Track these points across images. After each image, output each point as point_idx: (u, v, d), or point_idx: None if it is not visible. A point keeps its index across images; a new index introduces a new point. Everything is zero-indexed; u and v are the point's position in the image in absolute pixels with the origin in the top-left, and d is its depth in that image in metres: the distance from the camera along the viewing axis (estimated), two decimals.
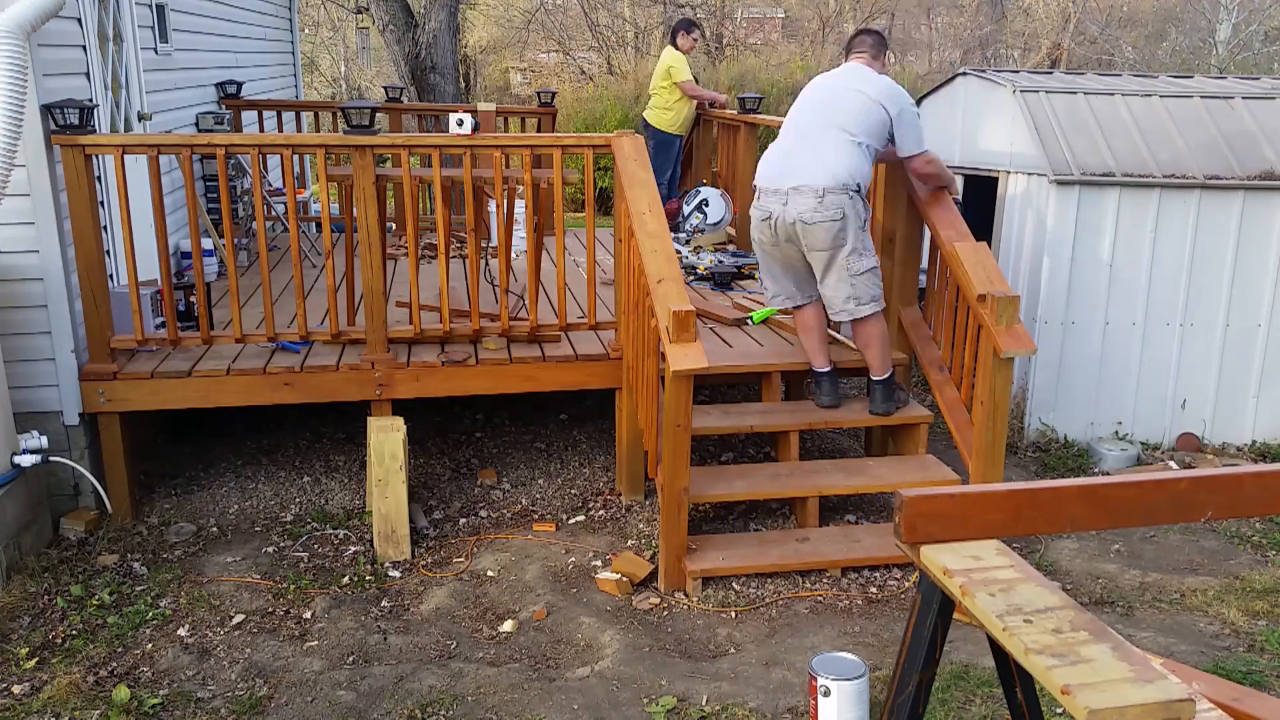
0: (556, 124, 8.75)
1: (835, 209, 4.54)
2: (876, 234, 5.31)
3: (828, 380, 4.97)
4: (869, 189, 4.77)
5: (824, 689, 3.31)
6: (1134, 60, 17.27)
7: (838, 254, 4.62)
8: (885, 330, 4.89)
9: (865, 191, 4.67)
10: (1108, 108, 6.04)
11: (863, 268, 4.68)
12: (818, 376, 5.01)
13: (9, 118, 4.12)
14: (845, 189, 4.55)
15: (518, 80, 22.32)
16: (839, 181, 4.54)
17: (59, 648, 3.93)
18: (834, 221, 4.56)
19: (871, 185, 4.97)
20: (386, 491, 4.60)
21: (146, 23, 6.34)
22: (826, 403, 4.98)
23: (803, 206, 4.56)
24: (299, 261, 4.95)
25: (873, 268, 4.73)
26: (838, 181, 4.54)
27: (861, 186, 4.62)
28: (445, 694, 3.67)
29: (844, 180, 4.55)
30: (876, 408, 4.96)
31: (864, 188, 4.64)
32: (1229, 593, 4.41)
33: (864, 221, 4.68)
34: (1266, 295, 5.82)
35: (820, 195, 4.53)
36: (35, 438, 4.58)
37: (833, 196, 4.53)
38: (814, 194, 4.54)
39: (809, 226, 4.57)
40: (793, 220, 4.61)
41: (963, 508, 2.02)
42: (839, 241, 4.60)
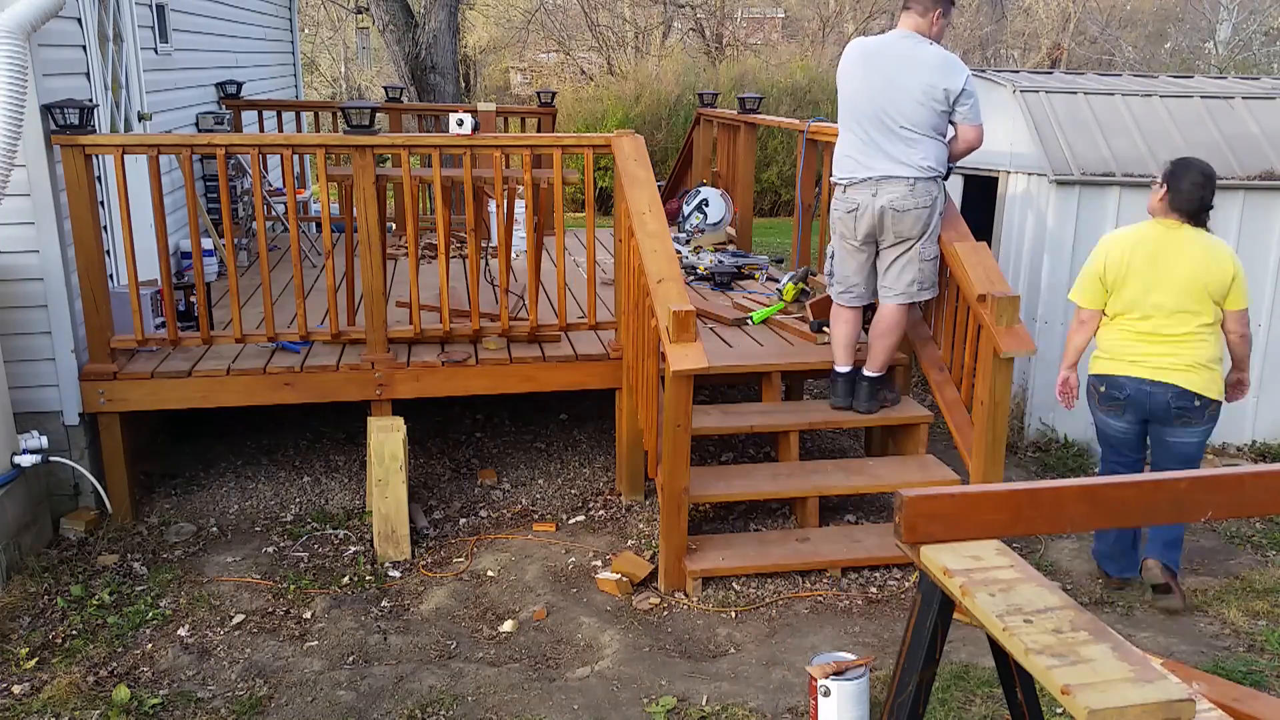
0: (556, 124, 8.75)
1: (926, 196, 4.59)
2: None
3: (844, 381, 4.97)
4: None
5: (824, 689, 3.31)
6: (1134, 60, 17.27)
7: (919, 241, 4.67)
8: (905, 324, 4.90)
9: (946, 176, 4.70)
10: (1108, 108, 6.04)
11: (933, 253, 4.76)
12: (834, 376, 5.00)
13: (9, 118, 4.12)
14: (932, 176, 4.60)
15: (518, 80, 22.33)
16: (926, 170, 4.58)
17: (59, 648, 3.93)
18: (924, 209, 4.60)
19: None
20: (386, 491, 4.60)
21: (146, 23, 6.34)
22: (838, 405, 4.98)
23: (894, 194, 4.58)
24: (299, 261, 4.95)
25: (938, 255, 4.80)
26: (924, 170, 4.58)
27: (942, 171, 4.64)
28: (445, 694, 3.67)
29: (930, 168, 4.58)
30: (860, 405, 4.96)
31: (945, 172, 4.66)
32: (1229, 593, 4.41)
33: (943, 209, 4.73)
34: (1266, 295, 5.82)
35: (912, 184, 4.57)
36: (35, 438, 4.58)
37: (923, 184, 4.58)
38: (905, 183, 4.57)
39: (900, 214, 4.60)
40: (882, 208, 4.60)
41: (963, 508, 2.02)
42: (926, 227, 4.64)
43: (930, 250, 4.73)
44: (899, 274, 4.76)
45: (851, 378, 4.97)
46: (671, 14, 21.17)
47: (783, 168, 13.64)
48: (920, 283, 4.77)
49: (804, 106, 14.70)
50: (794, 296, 5.98)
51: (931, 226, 4.68)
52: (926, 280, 4.78)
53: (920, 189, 4.58)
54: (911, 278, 4.75)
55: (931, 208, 4.63)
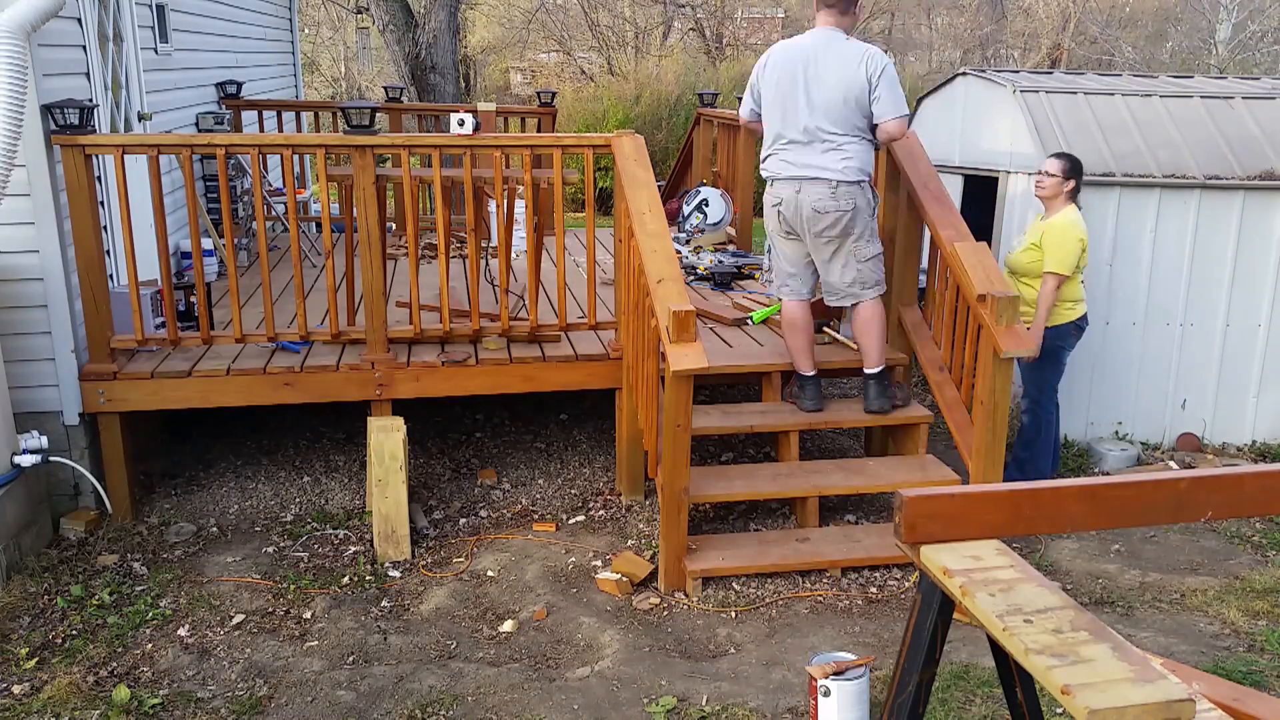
0: (556, 124, 8.74)
1: (848, 200, 4.62)
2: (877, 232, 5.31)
3: (812, 384, 4.97)
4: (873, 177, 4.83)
5: (824, 689, 3.31)
6: (1134, 60, 17.26)
7: (845, 241, 4.70)
8: (885, 318, 4.90)
9: (872, 178, 4.74)
10: (1108, 108, 6.04)
11: (869, 254, 4.77)
12: (801, 380, 5.00)
13: (9, 118, 4.12)
14: (857, 181, 4.63)
15: (518, 80, 22.32)
16: (850, 175, 4.61)
17: (59, 648, 3.93)
18: (845, 212, 4.63)
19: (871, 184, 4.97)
20: (386, 491, 4.60)
21: (146, 23, 6.34)
22: (810, 407, 4.96)
23: (816, 195, 4.62)
24: (299, 261, 4.95)
25: (878, 254, 4.82)
26: (849, 175, 4.60)
27: (869, 175, 4.69)
28: (445, 694, 3.67)
29: (854, 174, 4.62)
30: (871, 405, 4.95)
31: (871, 174, 4.71)
32: (1229, 593, 4.41)
33: (873, 210, 4.77)
34: (1266, 295, 5.82)
35: (834, 186, 4.60)
36: (35, 438, 4.58)
37: (845, 187, 4.61)
38: (828, 185, 4.61)
39: (820, 215, 4.64)
40: (802, 207, 4.66)
41: (963, 508, 2.02)
42: (849, 229, 4.67)
43: (866, 251, 4.74)
44: (839, 275, 4.78)
45: (816, 381, 4.98)
46: (671, 14, 21.16)
47: None
48: (862, 283, 4.77)
49: None
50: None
51: (858, 229, 4.68)
52: (869, 279, 4.78)
53: (842, 192, 4.60)
54: (851, 278, 4.77)
55: (854, 212, 4.63)
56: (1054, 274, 4.99)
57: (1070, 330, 5.19)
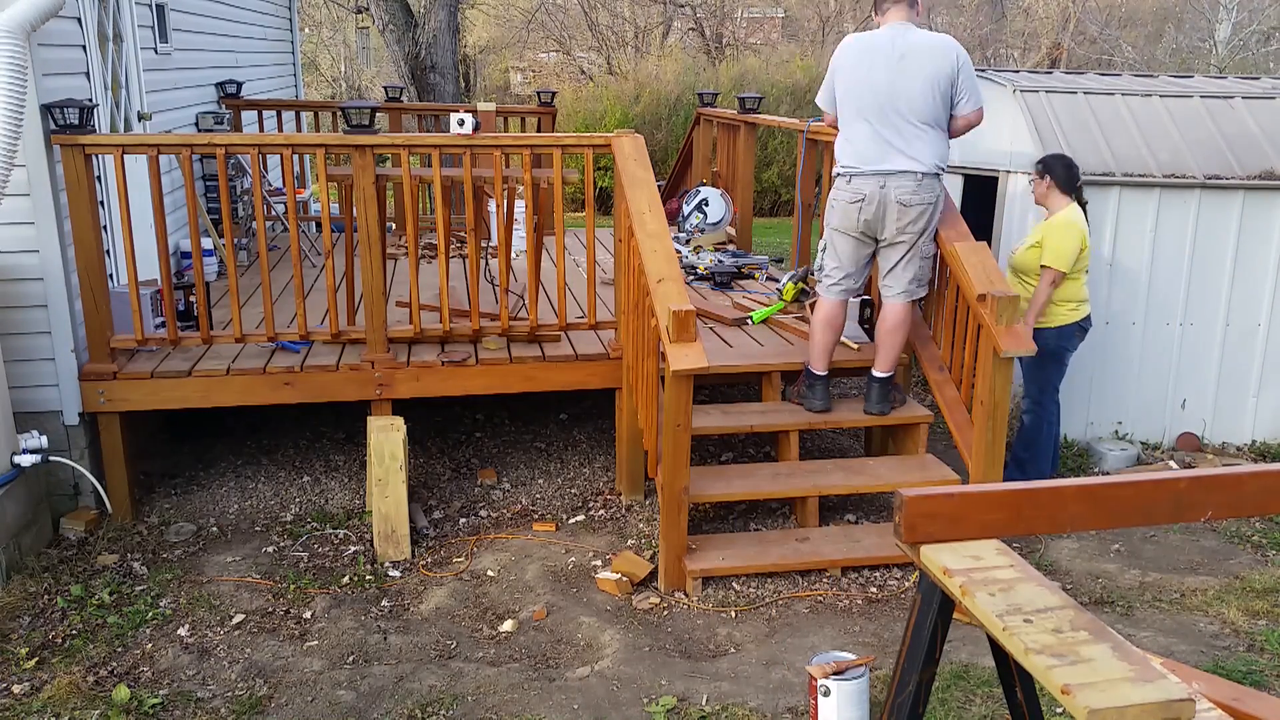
0: (556, 124, 8.74)
1: (930, 192, 4.66)
2: None
3: (821, 384, 4.97)
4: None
5: (824, 689, 3.31)
6: (1134, 60, 17.26)
7: (922, 237, 4.74)
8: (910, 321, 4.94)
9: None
10: (1108, 107, 6.04)
11: (931, 251, 4.86)
12: (811, 379, 4.99)
13: (9, 118, 4.12)
14: (936, 173, 4.68)
15: (518, 80, 22.32)
16: (933, 167, 4.65)
17: (59, 647, 3.93)
18: (928, 205, 4.67)
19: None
20: (386, 491, 4.60)
21: (146, 22, 6.34)
22: (818, 407, 4.96)
23: (902, 188, 4.63)
24: (299, 261, 4.95)
25: (935, 252, 4.91)
26: (932, 167, 4.65)
27: (945, 168, 4.74)
28: (445, 694, 3.67)
29: (936, 165, 4.66)
30: (872, 407, 4.96)
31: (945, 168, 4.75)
32: (1229, 592, 4.41)
33: (943, 205, 4.82)
34: (1266, 295, 5.82)
35: (919, 179, 4.63)
36: (35, 437, 4.58)
37: (929, 180, 4.65)
38: (913, 178, 4.62)
39: (906, 209, 4.65)
40: (890, 202, 4.64)
41: (963, 508, 2.02)
42: (928, 224, 4.72)
43: (929, 248, 4.81)
44: (901, 272, 4.78)
45: (826, 381, 4.98)
46: (671, 14, 21.17)
47: (783, 168, 13.64)
48: (919, 280, 4.83)
49: (804, 106, 14.69)
50: (794, 296, 5.98)
51: (934, 224, 4.75)
52: (924, 277, 4.86)
53: (926, 184, 4.63)
54: (913, 275, 4.80)
55: (935, 204, 4.69)
56: (1049, 268, 4.98)
57: (1074, 331, 5.18)
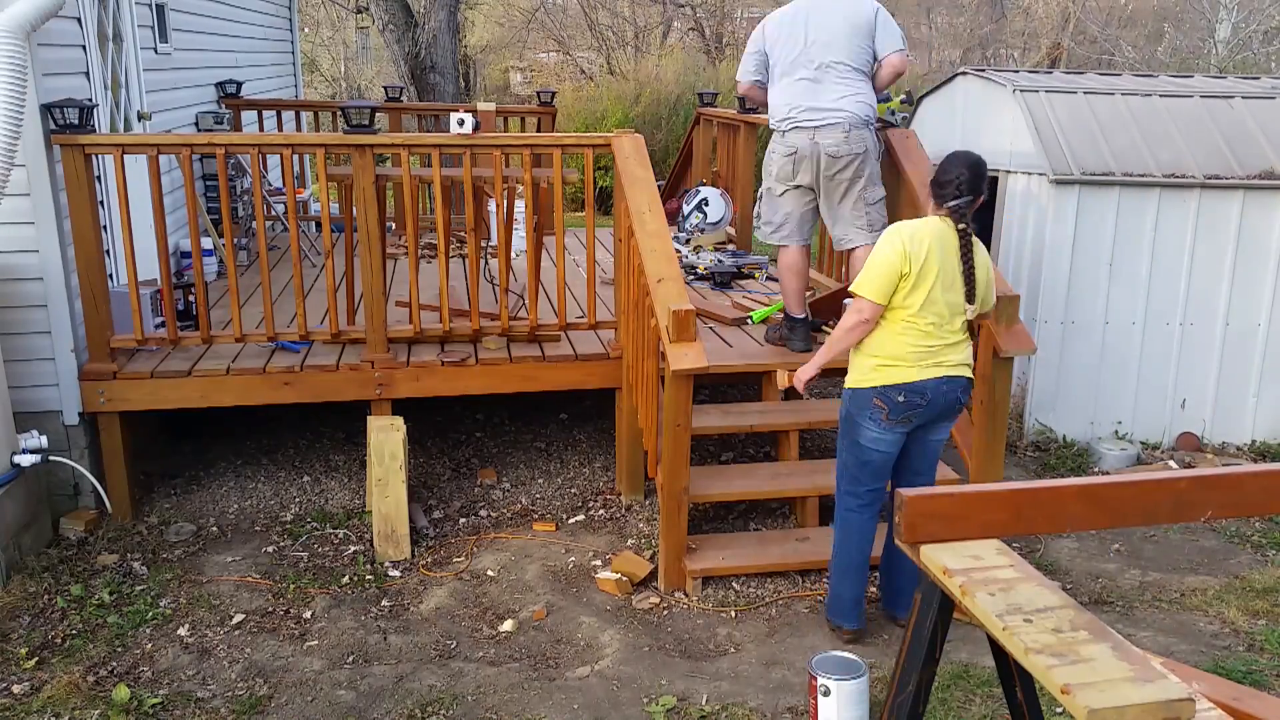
0: (556, 124, 8.74)
1: (860, 143, 4.83)
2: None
3: (802, 326, 5.17)
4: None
5: (824, 689, 3.31)
6: (1134, 60, 17.26)
7: (858, 183, 4.89)
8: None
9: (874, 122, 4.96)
10: (1108, 107, 6.04)
11: (877, 196, 4.99)
12: (792, 322, 5.18)
13: (9, 117, 4.12)
14: (866, 123, 4.85)
15: (518, 80, 22.31)
16: (861, 118, 4.82)
17: (59, 647, 3.93)
18: (860, 153, 4.84)
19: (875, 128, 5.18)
20: (386, 491, 4.60)
21: (146, 22, 6.34)
22: (800, 348, 5.14)
23: (830, 140, 4.81)
24: (299, 261, 4.95)
25: (883, 198, 5.03)
26: (859, 118, 4.82)
27: (873, 118, 4.90)
28: (445, 694, 3.67)
29: (864, 115, 4.84)
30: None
31: (875, 118, 4.93)
32: (1229, 592, 4.41)
33: (879, 153, 4.99)
34: (1266, 295, 5.82)
35: (846, 131, 4.80)
36: (35, 437, 4.58)
37: (857, 132, 4.82)
38: (840, 129, 4.80)
39: (834, 159, 4.83)
40: (818, 154, 4.83)
41: (963, 508, 2.02)
42: (861, 171, 4.87)
43: (874, 193, 4.97)
44: (849, 221, 4.98)
45: (806, 323, 5.18)
46: (671, 14, 21.15)
47: None
48: (870, 225, 4.96)
49: None
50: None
51: (868, 170, 4.90)
52: (877, 223, 4.96)
53: (854, 136, 4.81)
54: (860, 222, 4.96)
55: (865, 154, 4.86)
56: (855, 294, 3.68)
57: (871, 400, 3.66)
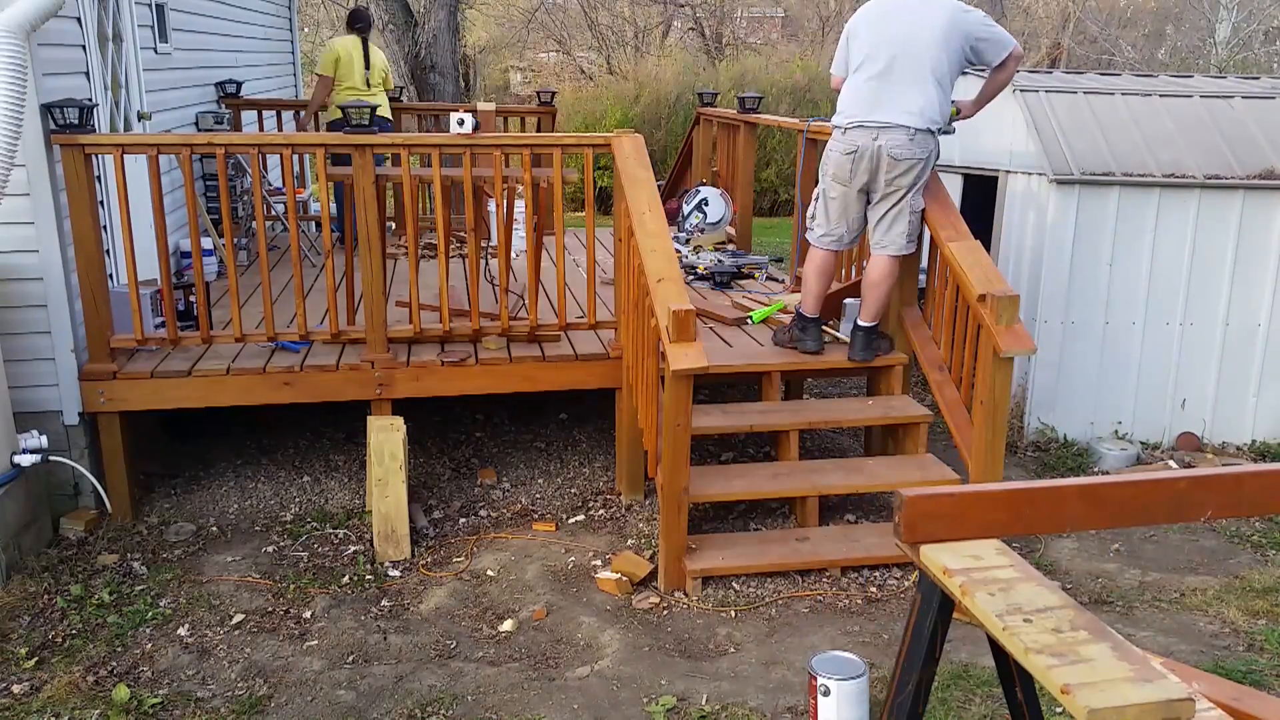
0: (556, 124, 8.74)
1: (923, 149, 4.74)
2: None
3: (814, 326, 5.17)
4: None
5: (824, 688, 3.31)
6: (1134, 60, 17.26)
7: (911, 192, 4.82)
8: (896, 279, 5.03)
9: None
10: (1108, 107, 6.04)
11: (921, 205, 4.91)
12: (804, 322, 5.16)
13: (9, 117, 4.11)
14: (930, 129, 4.75)
15: (518, 80, 22.32)
16: (928, 121, 4.72)
17: (59, 647, 3.93)
18: (919, 160, 4.75)
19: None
20: (386, 491, 4.60)
21: (146, 22, 6.34)
22: (813, 349, 5.14)
23: (895, 142, 4.72)
24: (299, 261, 4.95)
25: (924, 208, 4.94)
26: (927, 121, 4.72)
27: (941, 125, 4.81)
28: (445, 694, 3.67)
29: (932, 120, 4.74)
30: (856, 354, 5.09)
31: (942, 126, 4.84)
32: (1229, 592, 4.41)
33: (935, 162, 4.90)
34: (1266, 295, 5.82)
35: (912, 134, 4.71)
36: (35, 437, 4.58)
37: (922, 136, 4.73)
38: (906, 132, 4.70)
39: (897, 162, 4.74)
40: (882, 155, 4.74)
41: (963, 507, 2.02)
42: (917, 179, 4.80)
43: (919, 203, 4.88)
44: (889, 226, 4.89)
45: (819, 324, 5.18)
46: (671, 13, 21.17)
47: (782, 167, 13.62)
48: (909, 235, 4.91)
49: (804, 106, 14.70)
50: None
51: (924, 179, 4.83)
52: (913, 232, 4.94)
53: (919, 140, 4.72)
54: (901, 229, 4.89)
55: (926, 160, 4.77)
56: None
57: None
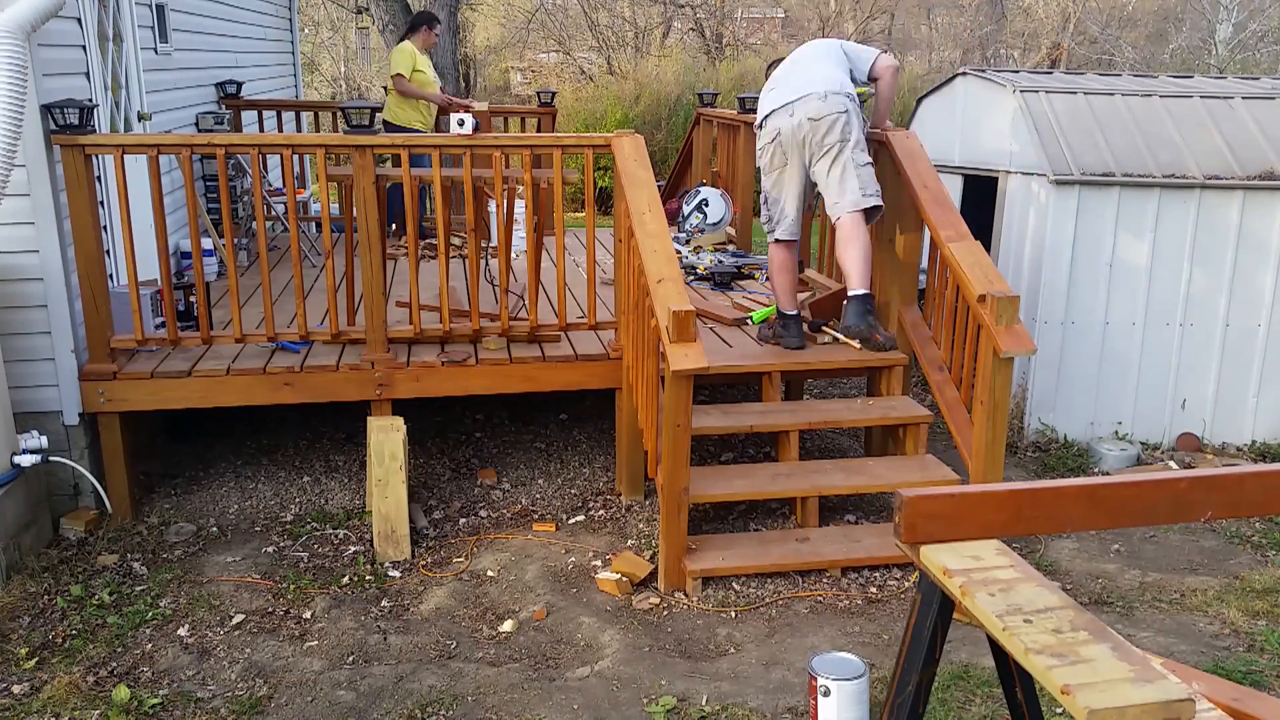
0: (556, 124, 8.75)
1: (839, 105, 4.93)
2: (877, 233, 5.34)
3: (794, 322, 5.22)
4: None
5: (824, 689, 3.31)
6: (1134, 60, 17.26)
7: (845, 147, 4.94)
8: (869, 239, 5.04)
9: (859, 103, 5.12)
10: (1108, 107, 6.04)
11: (865, 160, 5.03)
12: (785, 319, 5.22)
13: (9, 118, 4.12)
14: (843, 91, 4.97)
15: (518, 80, 22.32)
16: (837, 85, 4.98)
17: (59, 648, 3.93)
18: (840, 113, 4.92)
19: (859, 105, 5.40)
20: (386, 491, 4.60)
21: (146, 23, 6.34)
22: (794, 344, 5.19)
23: (809, 107, 4.94)
24: (299, 261, 4.95)
25: (870, 162, 5.07)
26: (836, 85, 4.98)
27: (852, 92, 5.03)
28: (445, 694, 3.67)
29: (840, 86, 4.98)
30: (849, 321, 5.12)
31: (853, 92, 5.05)
32: (1229, 593, 4.41)
33: (863, 120, 5.10)
34: (1266, 295, 5.82)
35: (824, 95, 4.94)
36: (35, 437, 4.58)
37: (834, 96, 4.94)
38: (817, 96, 4.94)
39: (816, 123, 4.93)
40: (802, 122, 4.95)
41: (963, 508, 2.02)
42: (846, 134, 4.92)
43: (862, 157, 5.00)
44: (840, 186, 4.99)
45: (799, 320, 5.23)
46: (671, 14, 21.16)
47: None
48: (863, 189, 4.98)
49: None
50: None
51: (854, 134, 4.95)
52: (869, 186, 5.00)
53: (832, 99, 4.92)
54: (852, 184, 4.97)
55: (847, 113, 4.93)
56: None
57: None
